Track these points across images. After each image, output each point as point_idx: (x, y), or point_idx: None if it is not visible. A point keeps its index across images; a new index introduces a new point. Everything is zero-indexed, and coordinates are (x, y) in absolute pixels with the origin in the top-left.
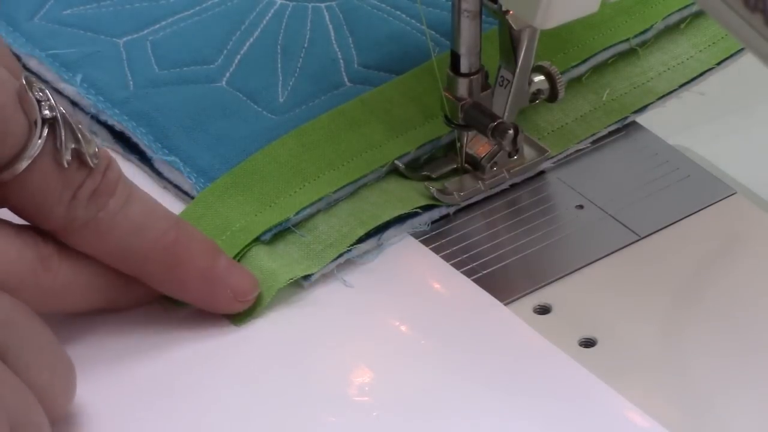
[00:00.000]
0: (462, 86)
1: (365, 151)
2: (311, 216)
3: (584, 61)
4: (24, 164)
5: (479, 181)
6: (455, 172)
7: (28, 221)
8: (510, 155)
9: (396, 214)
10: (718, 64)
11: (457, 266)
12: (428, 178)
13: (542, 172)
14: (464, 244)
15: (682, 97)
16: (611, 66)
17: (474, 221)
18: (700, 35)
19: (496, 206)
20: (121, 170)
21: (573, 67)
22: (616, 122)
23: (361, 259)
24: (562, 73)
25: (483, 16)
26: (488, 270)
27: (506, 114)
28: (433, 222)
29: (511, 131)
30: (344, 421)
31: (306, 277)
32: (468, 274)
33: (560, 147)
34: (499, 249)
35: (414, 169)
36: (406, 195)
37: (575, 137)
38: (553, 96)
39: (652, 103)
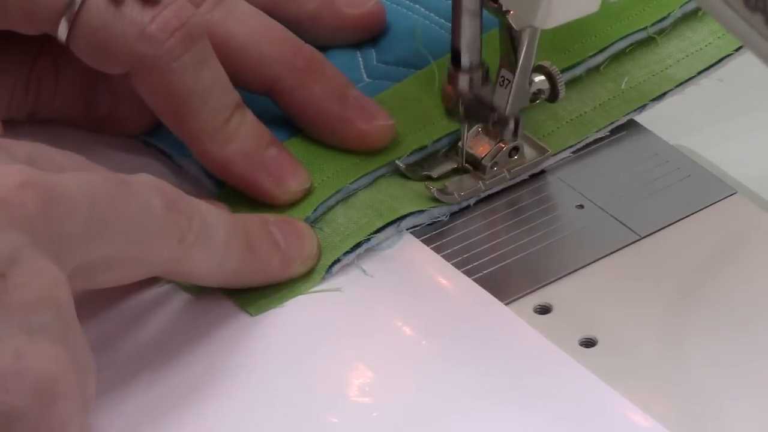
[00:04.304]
0: (463, 81)
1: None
2: (330, 208)
3: (602, 50)
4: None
5: (479, 181)
6: (456, 171)
7: (102, 68)
8: (510, 155)
9: (414, 209)
10: (737, 50)
11: (458, 266)
12: (429, 178)
13: (543, 172)
14: (465, 243)
15: (683, 97)
16: (629, 54)
17: (474, 221)
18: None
19: (497, 206)
20: (205, 34)
21: (591, 56)
22: (635, 110)
23: (380, 246)
24: (580, 62)
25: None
26: (489, 270)
27: (507, 113)
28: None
29: (511, 123)
30: (345, 422)
31: (328, 269)
32: (469, 273)
33: (579, 135)
34: (500, 249)
35: (414, 169)
36: (424, 190)
37: (594, 125)
38: (553, 96)
39: (671, 90)
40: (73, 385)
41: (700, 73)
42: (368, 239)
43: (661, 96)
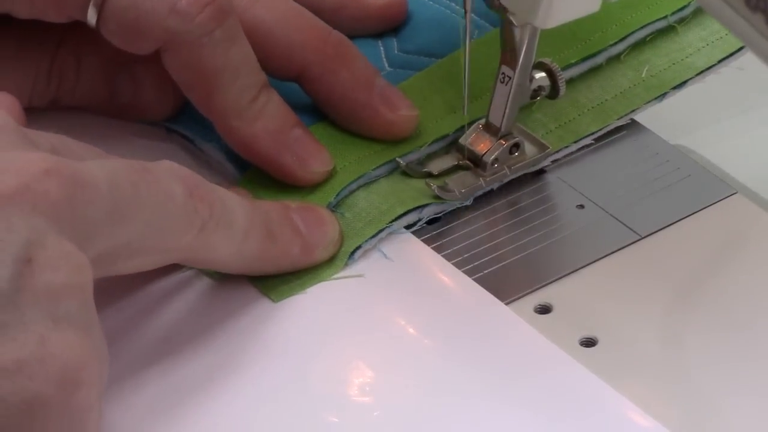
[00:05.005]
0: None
1: None
2: (351, 193)
3: (623, 39)
4: None
5: (480, 178)
6: (456, 169)
7: (132, 49)
8: (511, 152)
9: (434, 200)
10: None
11: (459, 265)
12: (429, 175)
13: (543, 172)
14: (465, 243)
15: (683, 96)
16: (650, 43)
17: (475, 221)
18: None
19: (497, 206)
20: (234, 11)
21: (611, 45)
22: (655, 98)
23: (399, 231)
24: (600, 51)
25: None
26: (489, 269)
27: (507, 110)
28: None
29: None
30: (345, 421)
31: (350, 255)
32: (469, 273)
33: (601, 123)
34: (500, 248)
35: (415, 166)
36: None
37: (615, 113)
38: (554, 93)
39: (691, 78)
40: (95, 372)
41: (720, 61)
42: (390, 225)
43: (682, 84)
